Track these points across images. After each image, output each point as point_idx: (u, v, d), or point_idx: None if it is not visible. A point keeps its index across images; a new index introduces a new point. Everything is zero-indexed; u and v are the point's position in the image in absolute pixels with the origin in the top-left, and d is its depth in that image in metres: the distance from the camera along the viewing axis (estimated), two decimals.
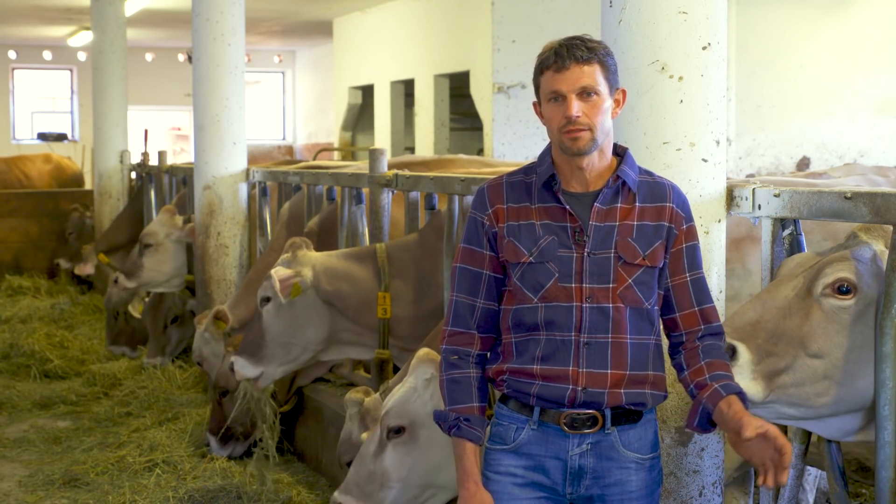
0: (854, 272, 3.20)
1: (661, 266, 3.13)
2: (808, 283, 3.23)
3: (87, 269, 11.51)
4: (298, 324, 5.53)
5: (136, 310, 9.43)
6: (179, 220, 8.77)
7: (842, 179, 5.29)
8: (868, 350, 3.20)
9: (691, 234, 3.19)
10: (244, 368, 5.53)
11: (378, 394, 4.63)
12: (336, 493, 3.97)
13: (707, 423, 3.07)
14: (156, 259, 8.64)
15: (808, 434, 3.61)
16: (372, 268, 5.62)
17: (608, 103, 3.07)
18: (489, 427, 3.23)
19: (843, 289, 3.19)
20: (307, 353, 5.62)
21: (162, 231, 8.70)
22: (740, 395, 3.02)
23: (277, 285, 5.38)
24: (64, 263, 13.42)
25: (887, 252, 3.23)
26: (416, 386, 3.92)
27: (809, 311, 3.20)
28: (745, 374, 3.13)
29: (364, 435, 4.42)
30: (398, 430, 3.89)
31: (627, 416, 3.12)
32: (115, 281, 8.76)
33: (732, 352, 3.13)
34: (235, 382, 6.63)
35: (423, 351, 4.00)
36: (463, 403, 3.17)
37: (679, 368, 3.18)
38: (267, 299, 5.54)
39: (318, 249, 5.86)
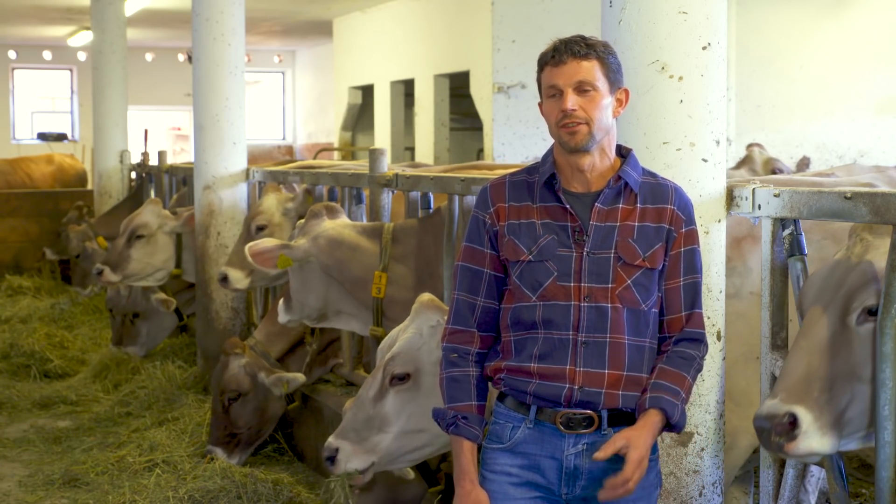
0: (878, 293, 3.16)
1: (660, 268, 3.14)
2: (840, 316, 3.18)
3: (74, 251, 11.51)
4: (305, 287, 5.68)
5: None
6: (167, 212, 8.70)
7: (858, 177, 5.27)
8: None
9: (690, 237, 3.19)
10: (281, 312, 5.78)
11: None
12: (331, 438, 3.94)
13: None
14: (146, 251, 8.49)
15: None
16: (377, 245, 5.67)
17: (607, 100, 3.07)
18: (487, 426, 3.24)
19: (874, 310, 3.16)
20: (315, 313, 5.78)
21: (155, 222, 8.54)
22: (664, 410, 3.05)
23: (250, 258, 5.60)
24: (50, 254, 13.38)
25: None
26: (422, 332, 3.89)
27: (850, 342, 3.16)
28: (813, 435, 3.05)
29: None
30: (403, 377, 3.86)
31: (624, 418, 3.11)
32: (98, 273, 8.51)
33: (794, 419, 3.05)
34: (249, 384, 6.58)
35: (425, 296, 3.98)
36: (461, 402, 3.18)
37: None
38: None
39: None
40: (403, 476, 4.34)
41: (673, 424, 3.08)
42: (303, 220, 5.81)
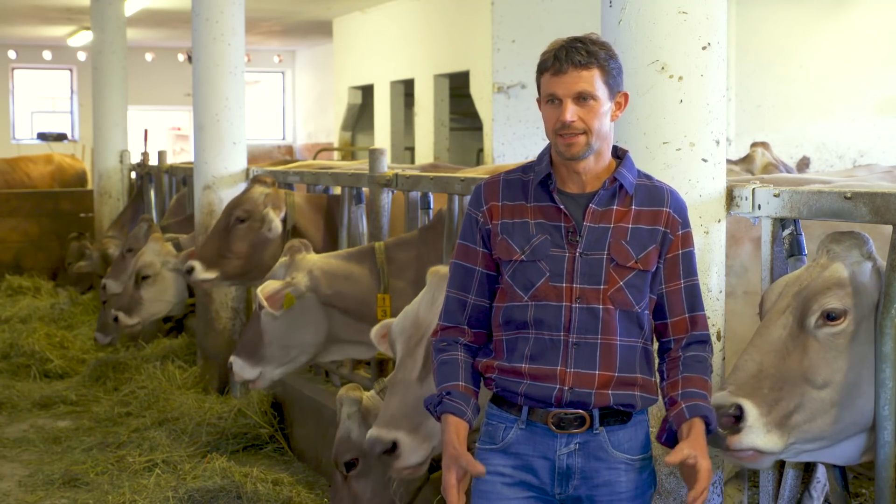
0: (839, 299, 3.18)
1: (653, 270, 3.13)
2: (799, 319, 3.21)
3: (87, 268, 11.49)
4: (297, 327, 5.50)
5: None
6: (170, 245, 8.70)
7: (867, 177, 5.27)
8: (865, 367, 3.20)
9: (687, 240, 3.18)
10: (242, 370, 5.47)
11: (377, 391, 4.62)
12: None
13: (674, 439, 3.10)
14: (156, 290, 8.50)
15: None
16: (371, 267, 5.63)
17: (606, 107, 3.05)
18: (482, 426, 3.23)
19: (832, 315, 3.18)
20: (305, 355, 5.60)
21: (158, 260, 8.57)
22: (706, 418, 3.04)
23: (265, 303, 5.33)
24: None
25: (866, 261, 3.22)
26: None
27: (806, 346, 3.19)
28: (758, 431, 3.10)
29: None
30: None
31: (616, 416, 3.11)
32: (115, 319, 8.56)
33: (740, 411, 3.09)
34: (259, 213, 6.69)
35: (439, 268, 3.95)
36: (448, 381, 3.17)
37: (661, 376, 3.20)
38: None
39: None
40: None
41: (711, 430, 3.08)
42: (284, 259, 5.63)
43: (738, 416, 3.09)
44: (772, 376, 3.15)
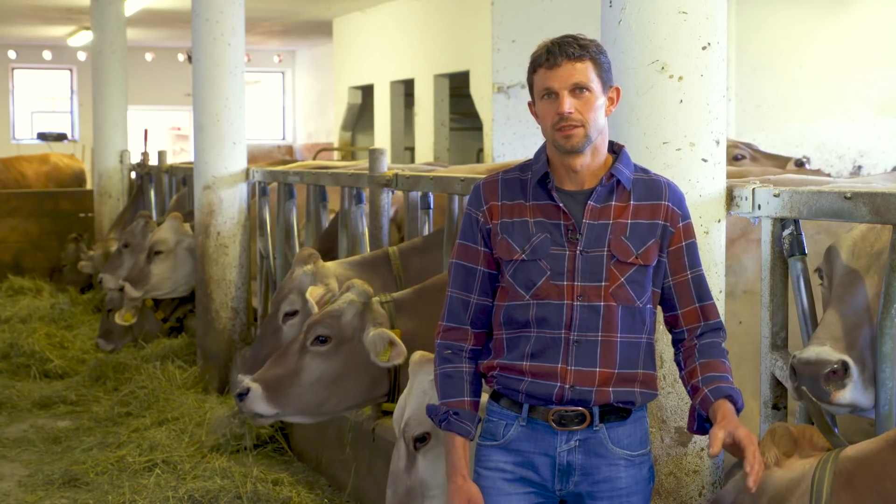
0: None
1: (653, 265, 3.14)
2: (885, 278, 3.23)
3: (88, 269, 11.51)
4: None
5: (122, 318, 9.09)
6: (188, 227, 8.71)
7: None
8: None
9: (689, 231, 3.20)
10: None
11: (382, 302, 4.66)
12: None
13: (705, 425, 3.10)
14: (165, 266, 8.53)
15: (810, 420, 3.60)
16: (385, 274, 5.62)
17: (601, 100, 3.08)
18: (481, 423, 3.25)
19: None
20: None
21: (173, 238, 8.59)
22: (730, 397, 3.03)
23: (316, 309, 5.11)
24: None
25: None
26: (425, 389, 3.89)
27: None
28: (859, 387, 3.13)
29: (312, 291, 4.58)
30: (423, 438, 3.83)
31: (616, 413, 3.13)
32: (121, 289, 8.58)
33: (845, 368, 3.09)
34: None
35: (416, 355, 3.98)
36: (454, 398, 3.20)
37: (678, 366, 3.22)
38: (293, 313, 5.44)
39: None
40: None
41: (739, 407, 3.05)
42: (308, 267, 5.47)
43: (840, 372, 3.09)
44: (865, 335, 3.18)
